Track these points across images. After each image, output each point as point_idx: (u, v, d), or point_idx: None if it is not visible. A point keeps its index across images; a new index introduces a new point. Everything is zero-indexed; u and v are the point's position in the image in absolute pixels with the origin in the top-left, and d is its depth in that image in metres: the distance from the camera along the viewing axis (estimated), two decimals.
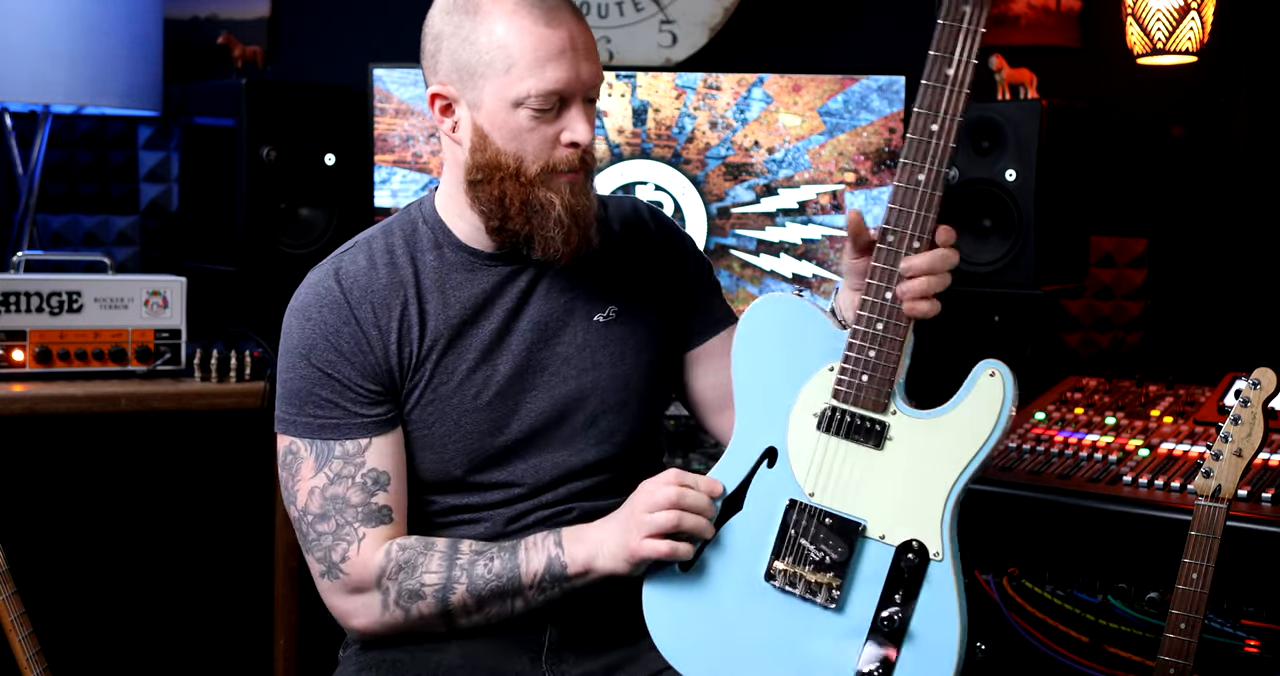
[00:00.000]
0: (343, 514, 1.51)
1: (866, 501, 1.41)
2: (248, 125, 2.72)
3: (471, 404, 1.58)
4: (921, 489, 1.38)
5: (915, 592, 1.36)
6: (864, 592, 1.39)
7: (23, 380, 2.42)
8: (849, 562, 1.39)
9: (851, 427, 1.42)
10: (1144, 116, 3.20)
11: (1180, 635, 1.65)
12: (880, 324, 1.41)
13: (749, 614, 1.44)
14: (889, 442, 1.41)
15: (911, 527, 1.38)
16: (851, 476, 1.41)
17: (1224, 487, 1.67)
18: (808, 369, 1.46)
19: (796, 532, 1.42)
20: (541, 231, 1.52)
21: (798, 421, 1.45)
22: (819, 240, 2.83)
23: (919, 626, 1.35)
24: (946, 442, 1.38)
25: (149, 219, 3.17)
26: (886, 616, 1.36)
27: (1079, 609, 2.08)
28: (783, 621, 1.42)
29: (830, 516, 1.41)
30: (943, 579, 1.36)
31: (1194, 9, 2.77)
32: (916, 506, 1.38)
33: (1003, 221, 2.76)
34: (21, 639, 1.94)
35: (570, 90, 1.49)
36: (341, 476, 1.52)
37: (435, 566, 1.50)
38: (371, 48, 3.12)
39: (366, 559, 1.51)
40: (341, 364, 1.54)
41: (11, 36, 2.60)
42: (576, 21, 1.50)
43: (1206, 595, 1.65)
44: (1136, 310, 3.23)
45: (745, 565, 1.45)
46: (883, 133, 2.80)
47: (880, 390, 1.41)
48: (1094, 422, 2.35)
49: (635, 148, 2.82)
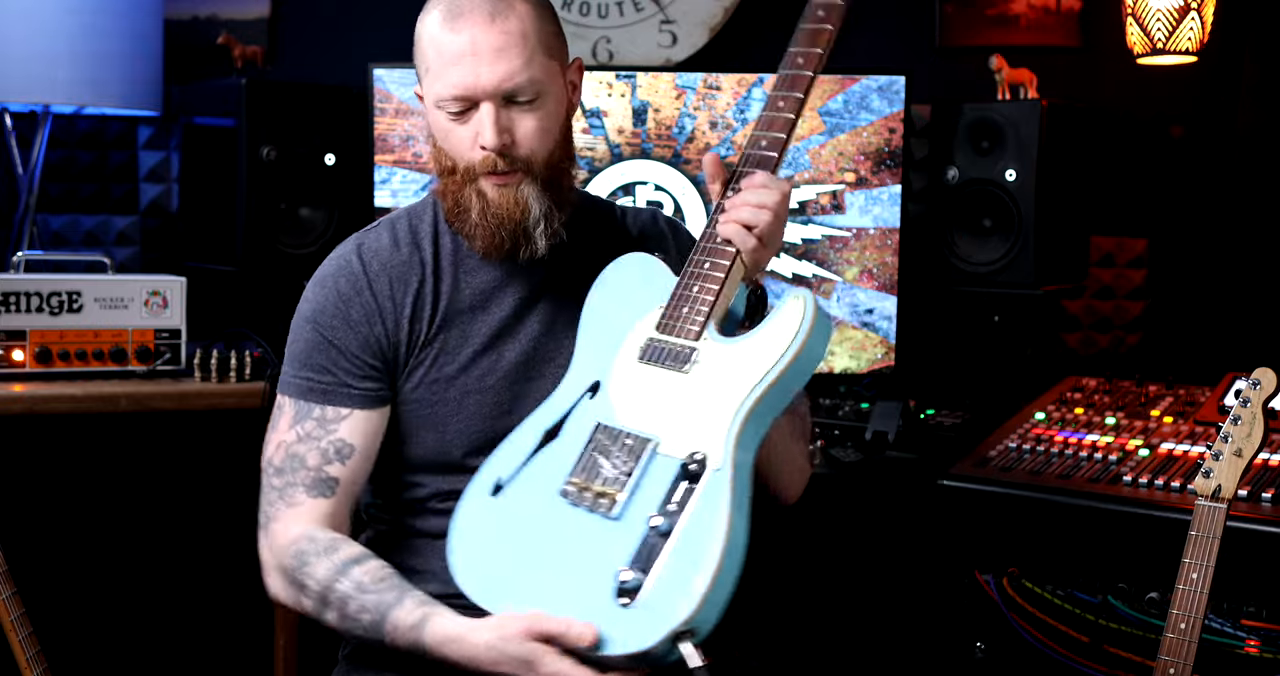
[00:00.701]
0: (295, 473, 1.56)
1: (665, 420, 1.43)
2: (248, 125, 2.71)
3: (476, 386, 1.60)
4: (715, 405, 1.41)
5: (685, 503, 1.35)
6: (644, 503, 1.38)
7: (23, 380, 2.41)
8: (633, 475, 1.40)
9: (664, 355, 1.47)
10: (1144, 116, 3.20)
11: (1180, 635, 1.66)
12: (705, 261, 1.48)
13: (542, 531, 1.43)
14: (694, 366, 1.45)
15: (698, 441, 1.39)
16: (656, 399, 1.45)
17: (1224, 487, 1.67)
18: (643, 310, 1.52)
19: (595, 451, 1.45)
20: (465, 229, 1.58)
21: (623, 355, 1.51)
22: (819, 240, 2.83)
23: (685, 534, 1.33)
24: (744, 362, 1.42)
25: (149, 219, 3.17)
26: (654, 526, 1.35)
27: (1079, 609, 2.08)
28: (569, 534, 1.41)
29: (629, 436, 1.44)
30: (717, 490, 1.34)
31: (1194, 9, 2.77)
32: (707, 421, 1.40)
33: (1003, 221, 2.76)
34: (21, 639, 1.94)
35: (469, 94, 1.51)
36: (310, 437, 1.56)
37: (322, 574, 1.49)
38: (371, 48, 3.11)
39: (285, 529, 1.55)
40: (345, 332, 1.58)
41: (11, 36, 2.60)
42: (487, 24, 1.50)
43: (1206, 595, 1.65)
44: (1136, 310, 3.23)
45: (546, 488, 1.46)
46: (883, 133, 2.80)
47: (695, 320, 1.46)
48: (1094, 422, 2.35)
49: (635, 148, 2.82)
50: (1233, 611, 1.94)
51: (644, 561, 1.33)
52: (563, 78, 1.60)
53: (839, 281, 2.83)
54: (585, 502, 1.41)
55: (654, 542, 1.34)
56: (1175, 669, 1.66)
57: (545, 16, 1.57)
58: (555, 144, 1.58)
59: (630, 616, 1.30)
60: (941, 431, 2.62)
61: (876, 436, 2.59)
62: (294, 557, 1.52)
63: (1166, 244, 3.22)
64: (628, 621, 1.30)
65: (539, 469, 1.48)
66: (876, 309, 2.85)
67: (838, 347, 2.85)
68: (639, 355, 1.49)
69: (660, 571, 1.31)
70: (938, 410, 2.76)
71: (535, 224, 1.56)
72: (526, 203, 1.56)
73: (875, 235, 2.83)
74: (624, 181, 2.84)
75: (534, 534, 1.43)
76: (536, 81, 1.53)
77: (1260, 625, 1.92)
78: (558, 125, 1.58)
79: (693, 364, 1.45)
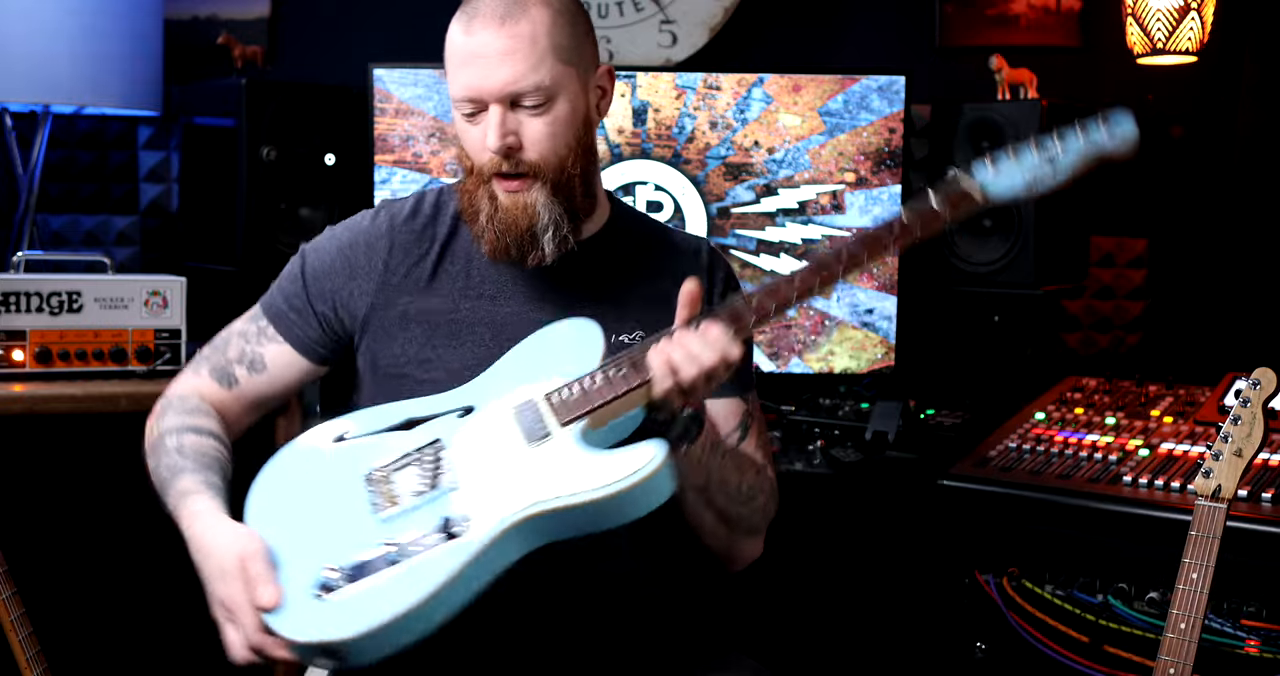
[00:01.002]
0: (215, 353, 1.70)
1: (480, 473, 1.44)
2: (248, 125, 2.72)
3: (470, 375, 1.59)
4: (518, 490, 1.40)
5: (426, 550, 1.37)
6: (405, 526, 1.41)
7: (23, 380, 2.41)
8: (420, 498, 1.43)
9: (529, 421, 1.47)
10: (1144, 116, 3.20)
11: (1180, 635, 1.66)
12: (623, 369, 1.44)
13: (330, 493, 1.48)
14: (540, 447, 1.45)
15: (479, 509, 1.40)
16: (492, 452, 1.46)
17: (1224, 487, 1.67)
18: (552, 372, 1.50)
19: (416, 460, 1.48)
20: (475, 230, 1.60)
21: (506, 399, 1.51)
22: (819, 240, 2.83)
23: (401, 575, 1.35)
24: (567, 472, 1.41)
25: (149, 219, 3.17)
26: (389, 551, 1.38)
27: (1079, 609, 2.08)
28: (341, 510, 1.45)
29: (445, 468, 1.46)
30: (455, 557, 1.35)
31: (1194, 9, 2.77)
32: (501, 498, 1.40)
33: (1003, 221, 2.76)
34: (21, 639, 1.94)
35: (476, 95, 1.52)
36: (244, 336, 1.70)
37: (166, 424, 1.61)
38: (371, 48, 3.12)
39: (180, 385, 1.70)
40: (322, 276, 1.66)
41: (11, 36, 2.60)
42: (497, 27, 1.51)
43: (1206, 595, 1.65)
44: (1136, 310, 3.23)
45: (362, 462, 1.50)
46: (883, 133, 2.80)
47: (572, 410, 1.45)
48: (1094, 422, 2.35)
49: (635, 148, 2.82)
50: (1233, 611, 1.94)
51: (358, 572, 1.37)
52: (580, 84, 1.57)
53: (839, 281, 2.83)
54: (374, 493, 1.46)
55: (378, 563, 1.38)
56: (1175, 669, 1.66)
57: (564, 22, 1.55)
58: (569, 150, 1.57)
59: (309, 607, 1.35)
60: (941, 431, 2.62)
61: (876, 436, 2.59)
62: (163, 404, 1.66)
63: (1166, 244, 3.22)
64: (305, 610, 1.35)
65: (373, 444, 1.52)
66: (876, 309, 2.85)
67: (838, 348, 2.86)
68: (515, 408, 1.49)
69: (359, 589, 1.35)
70: (938, 410, 2.76)
71: (543, 230, 1.56)
72: (535, 209, 1.55)
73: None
74: (624, 181, 2.84)
75: (324, 491, 1.48)
76: (544, 87, 1.52)
77: (1260, 625, 1.92)
78: (571, 131, 1.57)
79: (540, 444, 1.45)
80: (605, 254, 1.67)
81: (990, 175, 1.50)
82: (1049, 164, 1.48)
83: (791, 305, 1.47)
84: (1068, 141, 1.48)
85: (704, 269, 1.72)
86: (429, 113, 2.78)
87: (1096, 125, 1.48)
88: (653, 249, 1.72)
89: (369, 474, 1.48)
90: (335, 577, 1.36)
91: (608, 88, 1.63)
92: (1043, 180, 1.49)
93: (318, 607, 1.35)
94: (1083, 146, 1.48)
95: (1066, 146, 1.48)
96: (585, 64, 1.59)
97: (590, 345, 1.51)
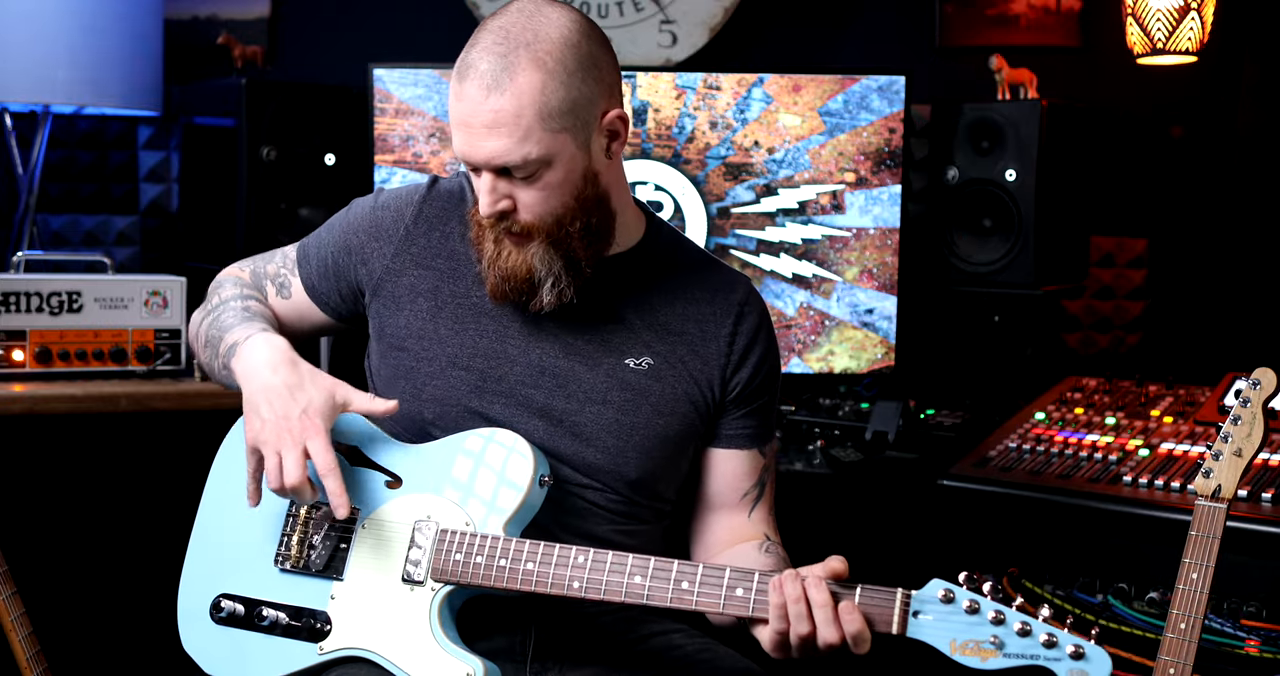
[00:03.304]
0: (260, 259, 1.79)
1: (359, 574, 1.55)
2: (248, 125, 2.71)
3: (465, 362, 1.60)
4: (371, 623, 1.53)
5: (285, 629, 1.57)
6: (294, 590, 1.57)
7: (23, 380, 2.42)
8: (314, 568, 1.57)
9: (420, 543, 1.52)
10: (1144, 116, 3.20)
11: (1180, 635, 1.65)
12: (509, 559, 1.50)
13: (254, 516, 1.61)
14: (408, 588, 1.52)
15: (341, 617, 1.54)
16: (378, 558, 1.54)
17: (1224, 487, 1.67)
18: (484, 492, 1.53)
19: (330, 524, 1.58)
20: (480, 267, 1.59)
21: (424, 500, 1.55)
22: (819, 240, 2.83)
23: (263, 644, 1.58)
24: (407, 640, 1.50)
25: (149, 219, 3.17)
26: (263, 617, 1.57)
27: (1079, 609, 2.08)
28: (260, 527, 1.62)
29: (347, 537, 1.56)
30: (302, 656, 1.55)
31: (1194, 9, 2.77)
32: (355, 619, 1.54)
33: (1003, 221, 2.76)
34: (21, 639, 1.94)
35: (467, 160, 1.50)
36: (285, 257, 1.76)
37: (225, 294, 1.71)
38: (371, 48, 3.11)
39: (238, 268, 1.79)
40: (351, 234, 1.70)
41: (11, 36, 2.60)
42: (482, 98, 1.44)
43: (1206, 595, 1.65)
44: (1136, 310, 3.23)
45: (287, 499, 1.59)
46: (883, 133, 2.80)
47: (450, 577, 1.51)
48: (1094, 422, 2.35)
49: (635, 148, 2.82)
50: (1233, 611, 1.93)
51: (246, 615, 1.60)
52: (578, 143, 1.49)
53: (839, 281, 2.83)
54: (286, 539, 1.60)
55: (261, 618, 1.59)
56: (1175, 669, 1.66)
57: (558, 83, 1.45)
58: (566, 209, 1.51)
59: (203, 625, 1.65)
60: (941, 431, 2.62)
61: (876, 436, 2.59)
62: (222, 278, 1.77)
63: (1166, 244, 3.22)
64: (199, 627, 1.66)
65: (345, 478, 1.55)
66: (876, 309, 2.85)
67: (838, 347, 2.86)
68: (415, 521, 1.54)
69: (237, 633, 1.61)
70: (938, 410, 2.76)
71: (542, 282, 1.54)
72: (532, 263, 1.53)
73: (875, 235, 2.83)
74: None
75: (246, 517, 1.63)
76: (532, 160, 1.46)
77: (1260, 625, 1.92)
78: (568, 191, 1.50)
79: (409, 587, 1.52)
80: (627, 275, 1.63)
81: (932, 616, 1.41)
82: (990, 643, 1.34)
83: None
84: (1024, 646, 1.30)
85: (734, 307, 1.66)
86: (429, 113, 2.78)
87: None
88: (680, 276, 1.66)
89: (290, 513, 1.61)
90: (227, 608, 1.60)
91: (620, 130, 1.54)
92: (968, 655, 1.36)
93: (209, 629, 1.62)
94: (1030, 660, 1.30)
95: (1018, 649, 1.31)
96: (584, 122, 1.49)
97: (520, 479, 1.51)
